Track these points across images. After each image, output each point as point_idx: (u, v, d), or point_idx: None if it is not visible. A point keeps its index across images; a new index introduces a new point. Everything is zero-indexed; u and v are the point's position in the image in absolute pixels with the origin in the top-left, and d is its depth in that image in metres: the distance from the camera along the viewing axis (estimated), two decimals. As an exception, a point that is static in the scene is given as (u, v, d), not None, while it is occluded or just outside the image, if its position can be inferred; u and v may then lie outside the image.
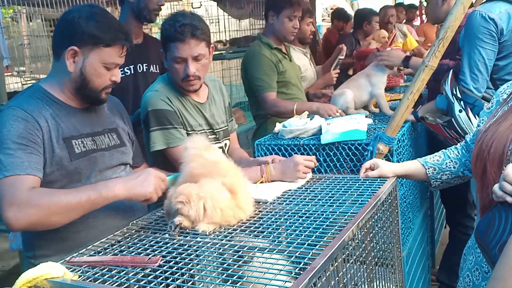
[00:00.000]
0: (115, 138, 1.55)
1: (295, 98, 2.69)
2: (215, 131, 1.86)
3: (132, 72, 2.20)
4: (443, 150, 1.57)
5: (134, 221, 1.38)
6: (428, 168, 1.55)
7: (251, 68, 2.58)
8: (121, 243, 1.24)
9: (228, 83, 5.10)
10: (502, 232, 1.00)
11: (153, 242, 1.22)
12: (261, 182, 1.63)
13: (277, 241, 1.14)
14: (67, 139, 1.40)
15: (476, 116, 1.98)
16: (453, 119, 2.02)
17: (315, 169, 1.77)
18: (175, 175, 1.45)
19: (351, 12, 6.77)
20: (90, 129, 1.48)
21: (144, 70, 2.23)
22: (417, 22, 7.01)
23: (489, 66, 2.06)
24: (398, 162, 1.99)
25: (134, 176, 1.35)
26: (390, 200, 1.50)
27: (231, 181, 1.30)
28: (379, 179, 1.57)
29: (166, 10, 4.03)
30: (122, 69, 2.13)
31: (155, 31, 5.44)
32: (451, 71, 2.10)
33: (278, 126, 2.27)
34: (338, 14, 5.81)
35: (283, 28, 2.61)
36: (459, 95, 2.04)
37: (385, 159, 1.96)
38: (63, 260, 1.12)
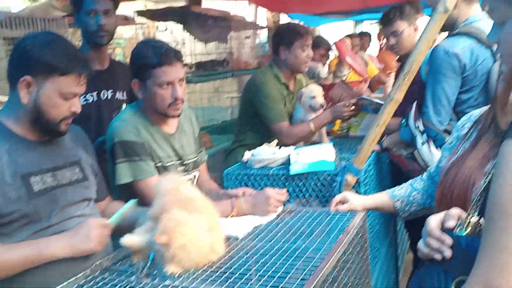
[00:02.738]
0: (78, 171, 1.48)
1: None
2: (185, 162, 1.82)
3: (95, 99, 2.11)
4: (410, 181, 1.59)
5: (98, 262, 1.30)
6: (396, 201, 1.57)
7: (262, 95, 2.53)
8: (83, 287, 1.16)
9: (194, 106, 5.06)
10: None
11: (119, 286, 1.15)
12: (232, 216, 1.60)
13: (249, 284, 1.10)
14: (25, 176, 1.32)
15: (438, 148, 2.03)
16: (416, 151, 2.07)
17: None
18: (119, 213, 1.42)
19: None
20: (50, 163, 1.40)
21: (109, 97, 2.14)
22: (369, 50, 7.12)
23: (452, 100, 2.13)
24: (365, 192, 2.02)
25: (75, 231, 1.33)
26: (360, 234, 1.50)
27: (207, 220, 1.26)
28: (349, 213, 1.58)
29: (130, 32, 3.98)
30: (84, 96, 2.04)
31: (118, 52, 5.34)
32: (415, 103, 2.16)
33: (247, 155, 2.25)
34: (316, 41, 5.92)
35: (298, 59, 2.56)
36: (422, 128, 2.09)
37: (353, 189, 1.98)
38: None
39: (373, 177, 2.20)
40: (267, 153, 2.18)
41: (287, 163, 2.13)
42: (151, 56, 1.63)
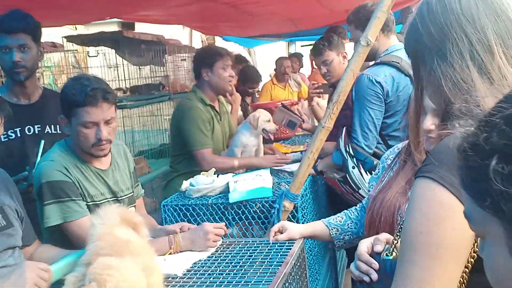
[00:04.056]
0: (0, 218, 1.39)
1: None
2: (119, 198, 1.77)
3: (19, 135, 1.97)
4: (345, 211, 1.66)
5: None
6: (332, 229, 1.63)
7: (186, 121, 2.51)
8: None
9: (130, 129, 4.94)
10: None
11: None
12: (170, 254, 1.58)
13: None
14: None
15: (367, 172, 2.15)
16: (347, 175, 2.17)
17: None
18: (63, 261, 1.35)
19: (249, 58, 7.08)
20: None
21: (36, 132, 2.01)
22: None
23: (378, 124, 2.27)
24: (303, 216, 2.08)
25: (8, 276, 1.24)
26: (299, 264, 1.54)
27: (143, 263, 1.23)
28: (287, 242, 1.61)
29: (59, 59, 3.83)
30: (5, 133, 1.92)
31: (47, 75, 5.11)
32: (344, 128, 2.27)
33: (185, 184, 2.23)
34: (236, 59, 6.05)
35: (220, 79, 2.58)
36: (351, 152, 2.20)
37: (291, 215, 2.03)
38: None
39: (310, 201, 2.26)
40: (206, 182, 2.18)
41: (226, 191, 2.14)
42: (76, 95, 1.58)
